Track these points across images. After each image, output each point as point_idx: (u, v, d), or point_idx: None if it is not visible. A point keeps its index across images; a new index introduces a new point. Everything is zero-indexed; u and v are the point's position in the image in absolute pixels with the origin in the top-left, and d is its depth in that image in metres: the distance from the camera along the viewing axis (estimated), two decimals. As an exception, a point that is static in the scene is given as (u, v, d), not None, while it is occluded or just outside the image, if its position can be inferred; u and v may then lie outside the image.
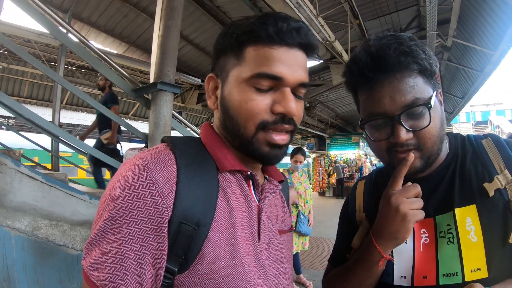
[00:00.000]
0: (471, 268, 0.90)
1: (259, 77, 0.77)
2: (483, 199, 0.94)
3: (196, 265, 0.71)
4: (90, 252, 0.69)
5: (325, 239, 8.70)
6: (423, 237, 1.00)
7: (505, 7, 6.30)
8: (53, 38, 6.71)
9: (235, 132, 0.82)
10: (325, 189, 21.31)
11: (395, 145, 0.95)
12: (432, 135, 0.94)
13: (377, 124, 0.99)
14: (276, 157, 0.83)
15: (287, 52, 0.79)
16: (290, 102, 0.79)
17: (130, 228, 0.67)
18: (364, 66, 0.95)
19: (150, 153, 0.76)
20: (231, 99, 0.81)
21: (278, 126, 0.80)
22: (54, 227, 2.64)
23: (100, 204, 0.73)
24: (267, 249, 0.84)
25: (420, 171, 0.98)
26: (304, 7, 5.78)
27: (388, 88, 0.93)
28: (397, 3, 8.08)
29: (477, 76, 10.41)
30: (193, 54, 10.10)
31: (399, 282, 1.00)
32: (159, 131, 3.62)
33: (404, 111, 0.92)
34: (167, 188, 0.70)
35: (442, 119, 0.99)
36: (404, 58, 0.91)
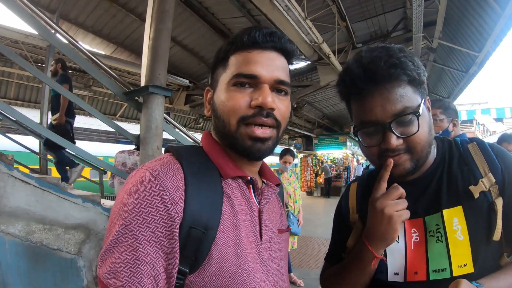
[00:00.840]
0: (458, 264, 0.98)
1: (237, 77, 0.86)
2: (468, 201, 1.01)
3: (205, 266, 0.76)
4: (105, 261, 0.72)
5: (314, 237, 8.77)
6: (413, 236, 1.07)
7: (490, 10, 6.43)
8: (41, 39, 6.64)
9: (223, 131, 0.89)
10: (313, 189, 21.34)
11: (386, 150, 1.01)
12: (421, 140, 1.00)
13: (369, 131, 1.04)
14: (258, 151, 0.88)
15: (261, 54, 0.88)
16: (266, 95, 0.85)
17: (145, 234, 0.71)
18: (356, 78, 1.01)
19: (159, 163, 0.81)
20: (217, 101, 0.90)
21: (257, 119, 0.85)
22: (48, 231, 2.64)
23: (112, 214, 0.77)
24: (269, 248, 0.91)
25: (410, 173, 1.04)
26: (293, 10, 5.83)
27: (379, 98, 0.99)
28: (384, 5, 8.16)
29: (462, 77, 10.58)
30: (181, 55, 10.06)
31: (392, 278, 1.07)
32: (151, 134, 3.63)
33: (394, 119, 0.98)
34: (177, 196, 0.75)
35: (430, 125, 1.05)
36: (394, 70, 0.97)
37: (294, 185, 5.36)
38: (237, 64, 0.87)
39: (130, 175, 0.83)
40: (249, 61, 0.87)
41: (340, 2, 7.47)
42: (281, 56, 0.92)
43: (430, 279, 1.00)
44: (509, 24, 6.40)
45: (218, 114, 0.90)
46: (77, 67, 10.20)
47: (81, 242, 2.85)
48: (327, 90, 13.43)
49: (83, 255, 2.85)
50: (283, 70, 0.91)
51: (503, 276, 0.96)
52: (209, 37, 9.17)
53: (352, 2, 7.90)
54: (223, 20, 8.50)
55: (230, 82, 0.87)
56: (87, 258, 2.88)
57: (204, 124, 16.86)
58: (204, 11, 7.97)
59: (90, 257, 2.90)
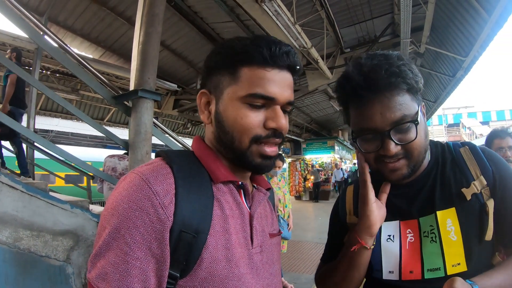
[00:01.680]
0: (452, 263, 1.02)
1: (254, 96, 0.85)
2: (461, 203, 1.06)
3: (196, 270, 0.76)
4: (95, 265, 0.72)
5: (304, 242, 8.80)
6: (408, 236, 1.11)
7: (477, 16, 6.54)
8: (29, 41, 6.56)
9: (229, 145, 0.88)
10: (302, 193, 21.40)
11: (384, 156, 1.05)
12: (419, 146, 1.04)
13: (367, 138, 1.07)
14: (267, 167, 0.91)
15: (278, 74, 0.87)
16: (281, 118, 0.87)
17: (135, 238, 0.71)
18: (356, 85, 1.02)
19: (149, 167, 0.81)
20: (226, 115, 0.87)
21: (270, 140, 0.88)
22: (35, 238, 2.60)
23: (102, 218, 0.77)
24: (260, 252, 0.91)
25: (407, 177, 1.09)
26: (282, 15, 5.85)
27: (379, 105, 1.01)
28: (372, 11, 8.24)
29: (449, 81, 10.75)
30: (169, 60, 10.01)
31: (387, 276, 1.11)
32: (140, 138, 3.60)
33: (394, 127, 1.01)
34: (167, 200, 0.75)
35: (426, 131, 1.09)
36: (394, 79, 0.99)
37: (283, 189, 5.37)
38: (254, 82, 0.85)
39: (120, 179, 0.83)
40: (268, 81, 0.85)
41: (329, 8, 7.54)
42: (290, 74, 0.92)
43: (425, 277, 1.04)
44: (495, 30, 6.53)
45: (226, 129, 0.88)
46: (65, 70, 10.10)
47: (70, 249, 2.81)
48: (315, 94, 13.52)
49: (72, 262, 2.81)
50: (292, 89, 0.93)
51: (496, 274, 0.99)
52: (197, 41, 9.15)
53: (341, 8, 7.97)
54: (212, 25, 8.49)
55: (245, 100, 0.85)
56: (76, 265, 2.84)
57: (192, 129, 16.79)
58: (193, 15, 7.96)
59: (79, 264, 2.86)
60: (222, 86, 0.89)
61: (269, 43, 0.86)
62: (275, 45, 0.86)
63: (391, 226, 1.16)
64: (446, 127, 45.19)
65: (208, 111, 0.94)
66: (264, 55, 0.84)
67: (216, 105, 0.90)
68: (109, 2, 7.37)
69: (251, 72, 0.85)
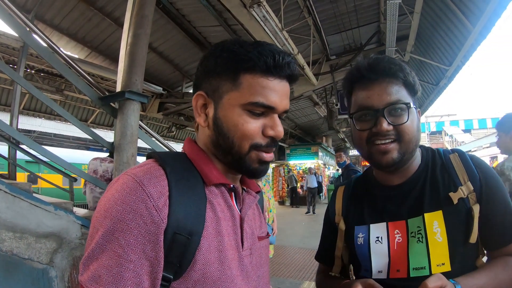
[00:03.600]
0: (436, 263, 1.07)
1: (256, 105, 0.86)
2: (448, 206, 1.11)
3: (189, 272, 0.77)
4: (88, 267, 0.71)
5: (287, 246, 8.83)
6: (396, 237, 1.16)
7: (461, 26, 6.70)
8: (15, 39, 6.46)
9: (228, 149, 0.89)
10: (285, 198, 21.46)
11: (376, 134, 1.12)
12: (409, 132, 1.11)
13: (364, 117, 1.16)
14: (263, 172, 0.93)
15: (279, 84, 0.89)
16: (280, 127, 0.90)
17: (128, 241, 0.71)
18: (362, 68, 1.16)
19: (142, 169, 0.81)
20: (227, 120, 0.88)
21: (269, 148, 0.91)
22: (18, 240, 2.55)
23: (94, 220, 0.76)
24: (250, 255, 0.93)
25: (397, 163, 1.13)
26: (270, 21, 5.88)
27: (378, 87, 1.13)
28: (359, 19, 8.34)
29: (432, 90, 10.98)
30: (155, 62, 9.95)
31: (376, 275, 1.16)
32: (126, 141, 3.58)
33: (388, 106, 1.10)
34: (161, 202, 0.75)
35: (418, 127, 1.17)
36: (393, 66, 1.13)
37: (268, 194, 5.37)
38: (255, 90, 0.86)
39: (112, 181, 0.82)
40: (269, 90, 0.87)
41: (316, 15, 7.62)
42: (288, 83, 0.95)
43: (410, 276, 1.09)
44: (479, 40, 6.69)
45: (225, 134, 0.89)
46: (50, 69, 9.95)
47: (53, 252, 2.77)
48: (301, 100, 13.61)
49: (55, 265, 2.76)
50: (288, 98, 0.96)
51: (478, 275, 1.05)
52: (184, 44, 9.13)
53: (328, 15, 8.04)
54: (199, 29, 8.48)
55: (246, 107, 0.87)
56: (59, 268, 2.79)
57: (177, 133, 16.68)
58: (180, 18, 7.93)
59: (62, 267, 2.82)
60: (222, 91, 0.89)
61: (272, 52, 0.87)
62: (279, 55, 0.87)
63: (380, 228, 1.20)
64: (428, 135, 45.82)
65: (204, 114, 0.94)
66: (268, 65, 0.85)
67: (215, 109, 0.90)
68: (97, 2, 7.30)
69: (253, 80, 0.86)
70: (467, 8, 6.17)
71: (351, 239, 1.27)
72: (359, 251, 1.23)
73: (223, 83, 0.89)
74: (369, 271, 1.18)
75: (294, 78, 0.94)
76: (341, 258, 1.35)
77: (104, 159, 4.77)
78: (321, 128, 20.96)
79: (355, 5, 7.67)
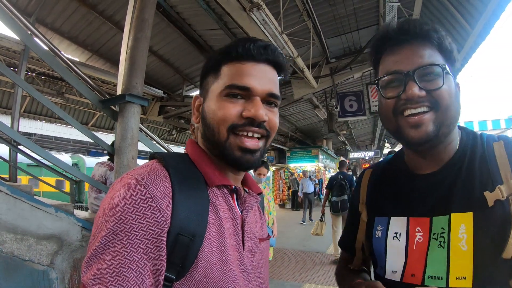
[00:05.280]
0: (456, 275, 0.90)
1: (230, 88, 0.88)
2: (481, 208, 0.91)
3: (192, 272, 0.78)
4: (91, 267, 0.71)
5: (288, 249, 8.83)
6: (417, 235, 1.00)
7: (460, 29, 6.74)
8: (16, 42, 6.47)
9: (213, 139, 0.91)
10: (285, 201, 21.44)
11: (406, 101, 0.96)
12: (447, 98, 0.95)
13: (391, 82, 1.02)
14: (247, 162, 0.90)
15: (255, 67, 0.91)
16: (259, 107, 0.88)
17: (132, 241, 0.71)
18: (390, 29, 1.02)
19: (145, 170, 0.82)
20: (208, 110, 0.92)
21: (246, 128, 0.89)
22: (19, 241, 2.57)
23: (97, 220, 0.77)
24: (250, 256, 0.93)
25: (432, 138, 0.96)
26: (270, 24, 5.90)
27: (408, 50, 0.99)
28: (358, 22, 8.36)
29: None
30: (156, 65, 9.95)
31: (390, 276, 1.04)
32: (126, 143, 3.60)
33: (418, 68, 0.95)
34: (164, 203, 0.76)
35: (458, 99, 1.01)
36: (425, 27, 0.98)
37: (268, 197, 5.39)
38: (230, 75, 0.90)
39: (115, 181, 0.83)
40: (243, 73, 0.89)
41: (315, 18, 7.64)
42: (273, 69, 0.96)
43: (425, 284, 0.94)
44: (478, 42, 6.72)
45: (207, 123, 0.92)
46: (51, 73, 9.97)
47: (54, 253, 2.78)
48: (301, 103, 13.59)
49: (55, 266, 2.77)
50: (275, 83, 0.96)
51: None
52: (184, 48, 9.15)
53: (327, 18, 8.07)
54: (199, 32, 8.50)
55: (223, 93, 0.89)
56: (60, 270, 2.80)
57: (178, 136, 16.69)
58: (181, 22, 7.96)
59: (63, 269, 2.83)
60: (208, 86, 0.95)
61: (245, 40, 0.92)
62: (250, 42, 0.91)
63: (399, 223, 1.05)
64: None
65: (198, 112, 0.98)
66: (238, 50, 0.90)
67: (203, 104, 0.96)
68: (98, 5, 7.32)
69: (229, 68, 0.91)
70: (466, 10, 6.20)
71: (371, 230, 1.14)
72: (376, 245, 1.10)
73: (209, 80, 0.95)
74: (383, 269, 1.06)
75: (277, 63, 0.96)
76: (361, 250, 1.22)
77: (102, 163, 4.81)
78: (321, 131, 20.93)
79: (354, 8, 7.69)
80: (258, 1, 5.33)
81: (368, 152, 29.76)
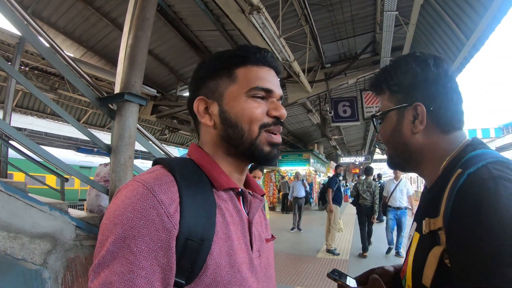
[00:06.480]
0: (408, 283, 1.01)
1: (256, 89, 0.94)
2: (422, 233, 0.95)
3: (201, 277, 0.78)
4: (99, 274, 0.71)
5: (278, 252, 8.80)
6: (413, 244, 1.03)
7: (455, 39, 6.79)
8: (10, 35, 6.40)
9: (239, 138, 0.94)
10: (275, 204, 21.44)
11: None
12: (384, 138, 1.15)
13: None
14: (274, 155, 0.98)
15: (269, 72, 1.00)
16: (282, 108, 0.98)
17: (140, 247, 0.71)
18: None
19: (151, 175, 0.82)
20: (234, 111, 0.94)
21: (275, 127, 0.97)
22: (12, 240, 2.52)
23: (103, 227, 0.77)
24: (258, 257, 0.95)
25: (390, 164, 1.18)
26: (269, 28, 5.93)
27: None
28: (355, 29, 8.43)
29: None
30: (150, 64, 9.90)
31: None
32: (124, 143, 3.55)
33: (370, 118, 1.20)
34: (172, 208, 0.76)
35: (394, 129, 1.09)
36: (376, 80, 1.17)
37: (261, 200, 5.38)
38: (251, 78, 0.95)
39: (121, 187, 0.83)
40: (263, 77, 0.96)
41: (313, 23, 7.68)
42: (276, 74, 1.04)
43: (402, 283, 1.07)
44: (472, 53, 6.79)
45: (234, 123, 0.94)
46: (44, 67, 9.87)
47: (47, 253, 2.73)
48: (294, 107, 13.66)
49: (48, 266, 2.72)
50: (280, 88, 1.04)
51: None
52: (180, 48, 9.15)
53: (325, 24, 8.13)
54: (196, 32, 8.50)
55: (248, 94, 0.94)
56: (53, 269, 2.75)
57: (170, 136, 16.61)
58: (178, 21, 7.95)
59: (56, 269, 2.78)
60: (221, 89, 0.97)
61: (255, 47, 0.99)
62: (262, 49, 0.99)
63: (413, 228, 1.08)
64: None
65: (208, 114, 0.98)
66: (256, 56, 0.97)
67: (220, 106, 0.96)
68: (95, 1, 7.29)
69: (248, 71, 0.96)
70: (462, 21, 6.26)
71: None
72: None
73: (221, 82, 0.97)
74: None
75: (279, 70, 1.04)
76: None
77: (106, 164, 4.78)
78: (313, 135, 21.04)
79: (351, 15, 7.76)
80: (259, 5, 5.34)
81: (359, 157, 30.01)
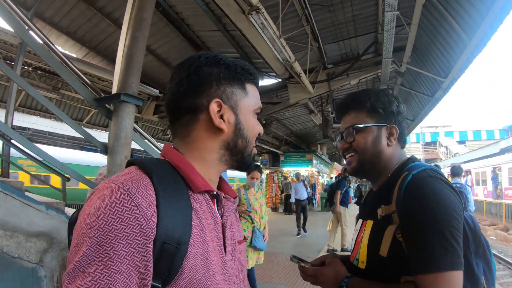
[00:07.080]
0: (361, 260, 1.33)
1: (259, 109, 1.07)
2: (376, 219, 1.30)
3: (177, 280, 0.77)
4: (74, 279, 0.69)
5: (279, 253, 8.82)
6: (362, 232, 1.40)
7: (458, 39, 6.77)
8: (13, 35, 6.44)
9: (242, 149, 1.02)
10: (278, 205, 21.41)
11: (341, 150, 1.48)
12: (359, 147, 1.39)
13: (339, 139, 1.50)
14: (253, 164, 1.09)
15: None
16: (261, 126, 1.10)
17: (117, 252, 0.69)
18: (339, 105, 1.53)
19: (128, 177, 0.80)
20: (247, 124, 1.02)
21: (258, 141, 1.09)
22: (9, 238, 2.55)
23: (78, 230, 0.74)
24: (231, 259, 0.96)
25: (357, 170, 1.43)
26: (268, 28, 5.93)
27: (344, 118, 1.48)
28: (357, 29, 8.40)
29: (427, 101, 11.05)
30: (152, 65, 9.93)
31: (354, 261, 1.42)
32: (120, 143, 3.58)
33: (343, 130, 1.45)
34: (150, 212, 0.75)
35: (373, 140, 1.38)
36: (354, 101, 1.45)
37: (260, 201, 5.39)
38: (256, 97, 1.06)
39: (95, 189, 0.81)
40: (259, 97, 1.08)
41: (314, 24, 7.66)
42: None
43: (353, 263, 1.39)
44: (475, 53, 6.76)
45: (245, 135, 1.01)
46: (47, 68, 9.92)
47: (43, 251, 2.77)
48: (296, 108, 13.59)
49: (44, 264, 2.75)
50: None
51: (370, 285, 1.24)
52: (182, 48, 9.16)
53: (326, 24, 8.10)
54: (198, 33, 8.52)
55: (255, 111, 1.05)
56: (49, 268, 2.78)
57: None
58: (180, 22, 7.96)
59: (52, 267, 2.81)
60: (237, 98, 1.00)
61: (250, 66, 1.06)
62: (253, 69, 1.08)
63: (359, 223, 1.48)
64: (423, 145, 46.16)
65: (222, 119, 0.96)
66: (256, 76, 1.06)
67: (236, 115, 0.99)
68: (97, 2, 7.31)
69: (253, 89, 1.06)
70: (464, 21, 6.24)
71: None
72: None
73: (236, 92, 1.00)
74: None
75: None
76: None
77: None
78: (316, 136, 20.95)
79: (353, 15, 7.72)
80: (258, 5, 5.34)
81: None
